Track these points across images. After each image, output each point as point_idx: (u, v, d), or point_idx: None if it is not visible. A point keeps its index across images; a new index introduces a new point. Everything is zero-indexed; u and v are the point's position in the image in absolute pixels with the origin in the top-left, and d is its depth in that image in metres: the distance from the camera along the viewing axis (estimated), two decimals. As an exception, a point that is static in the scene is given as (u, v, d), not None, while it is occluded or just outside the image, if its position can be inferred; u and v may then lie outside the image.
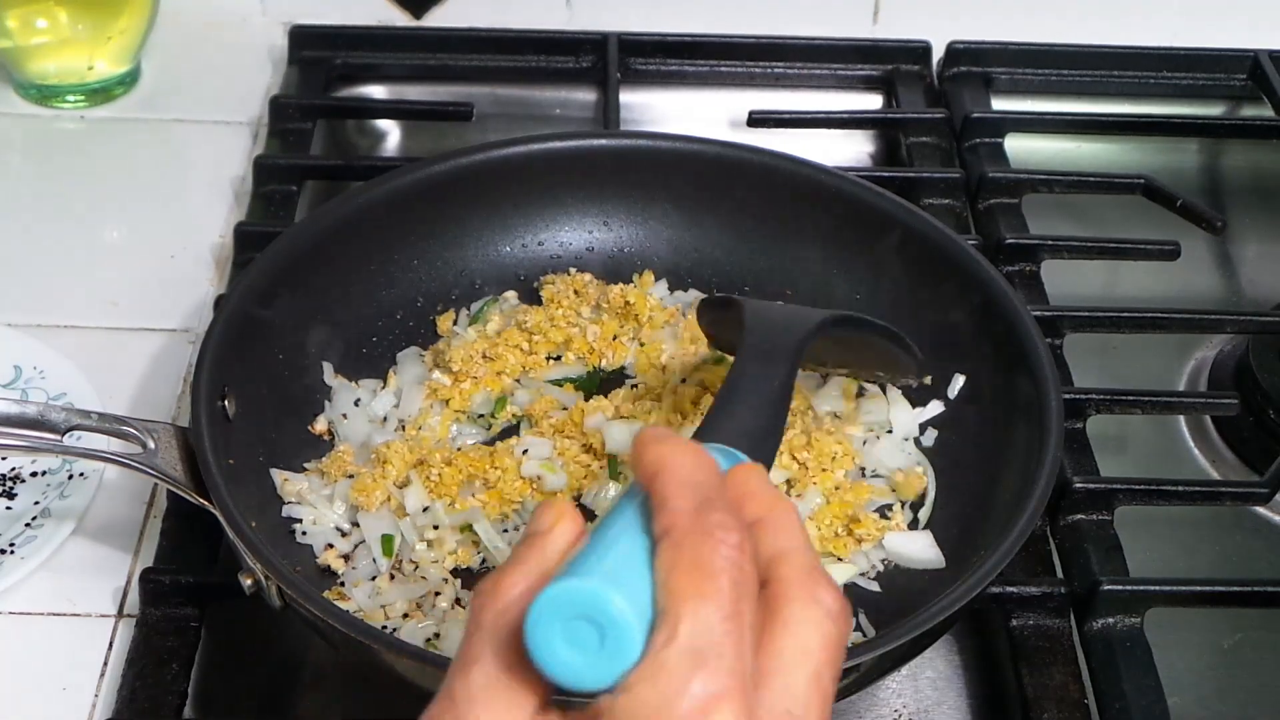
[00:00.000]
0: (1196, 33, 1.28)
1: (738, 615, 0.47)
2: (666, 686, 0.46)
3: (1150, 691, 0.81)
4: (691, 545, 0.48)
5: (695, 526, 0.49)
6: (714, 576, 0.47)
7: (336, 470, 0.88)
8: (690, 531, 0.48)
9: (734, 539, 0.48)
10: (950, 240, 0.94)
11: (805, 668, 0.48)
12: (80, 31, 1.19)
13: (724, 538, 0.48)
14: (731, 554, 0.48)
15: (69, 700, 0.82)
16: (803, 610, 0.49)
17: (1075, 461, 0.93)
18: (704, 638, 0.46)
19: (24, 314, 1.03)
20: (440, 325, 0.98)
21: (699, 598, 0.47)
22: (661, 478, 0.51)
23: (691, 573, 0.47)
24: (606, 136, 1.07)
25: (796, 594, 0.50)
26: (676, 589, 0.47)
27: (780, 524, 0.52)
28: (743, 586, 0.48)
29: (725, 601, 0.47)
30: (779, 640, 0.49)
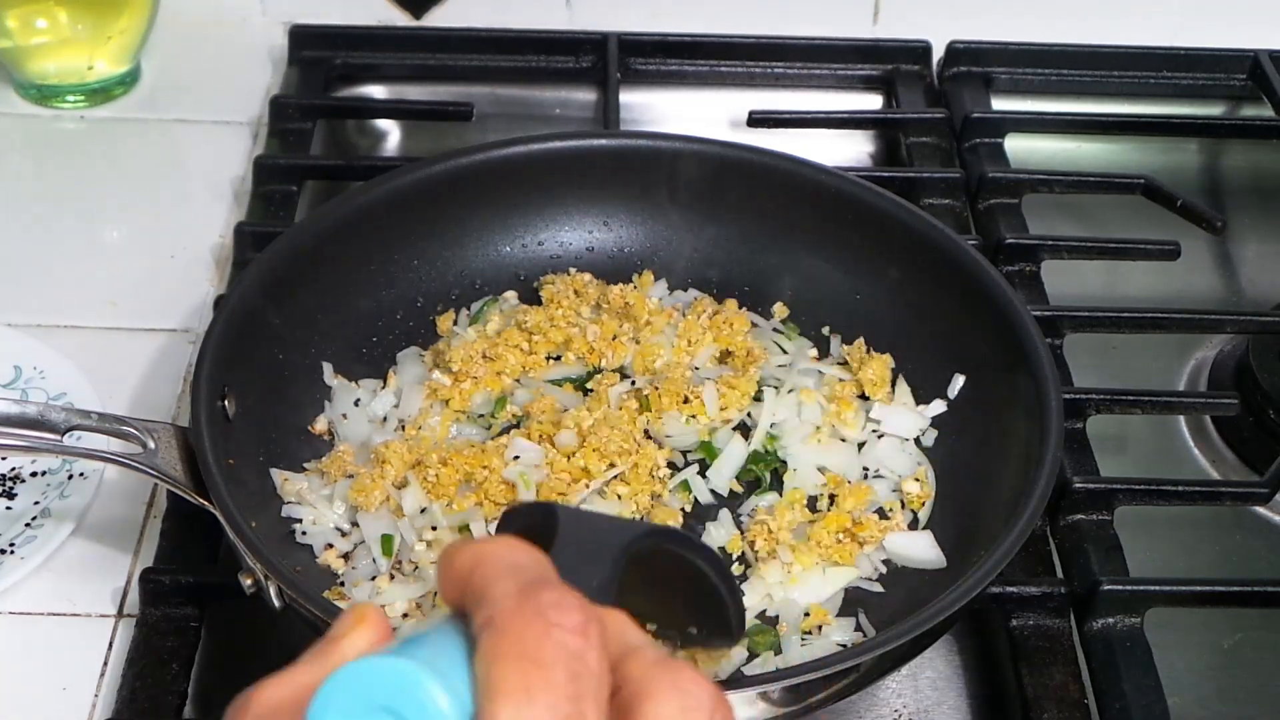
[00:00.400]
0: (1196, 33, 1.28)
1: (577, 713, 0.38)
2: None
3: (1150, 691, 0.81)
4: (517, 630, 0.38)
5: (523, 608, 0.39)
6: (544, 666, 0.38)
7: (336, 470, 0.88)
8: (516, 614, 0.39)
9: (573, 620, 0.39)
10: (950, 240, 0.94)
11: None
12: (80, 31, 1.19)
13: (559, 619, 0.39)
14: (569, 639, 0.39)
15: (69, 700, 0.82)
16: (666, 702, 0.40)
17: (1075, 461, 0.93)
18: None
19: (24, 314, 1.03)
20: (440, 325, 0.98)
21: (523, 692, 0.37)
22: (478, 573, 0.41)
23: (517, 662, 0.38)
24: (606, 136, 1.07)
25: (655, 689, 0.40)
26: (498, 683, 0.38)
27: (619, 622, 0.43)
28: (583, 680, 0.38)
29: (557, 698, 0.37)
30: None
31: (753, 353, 0.95)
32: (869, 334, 0.97)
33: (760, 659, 0.81)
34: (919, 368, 0.94)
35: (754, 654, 0.81)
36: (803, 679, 0.71)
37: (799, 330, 0.99)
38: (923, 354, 0.95)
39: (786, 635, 0.81)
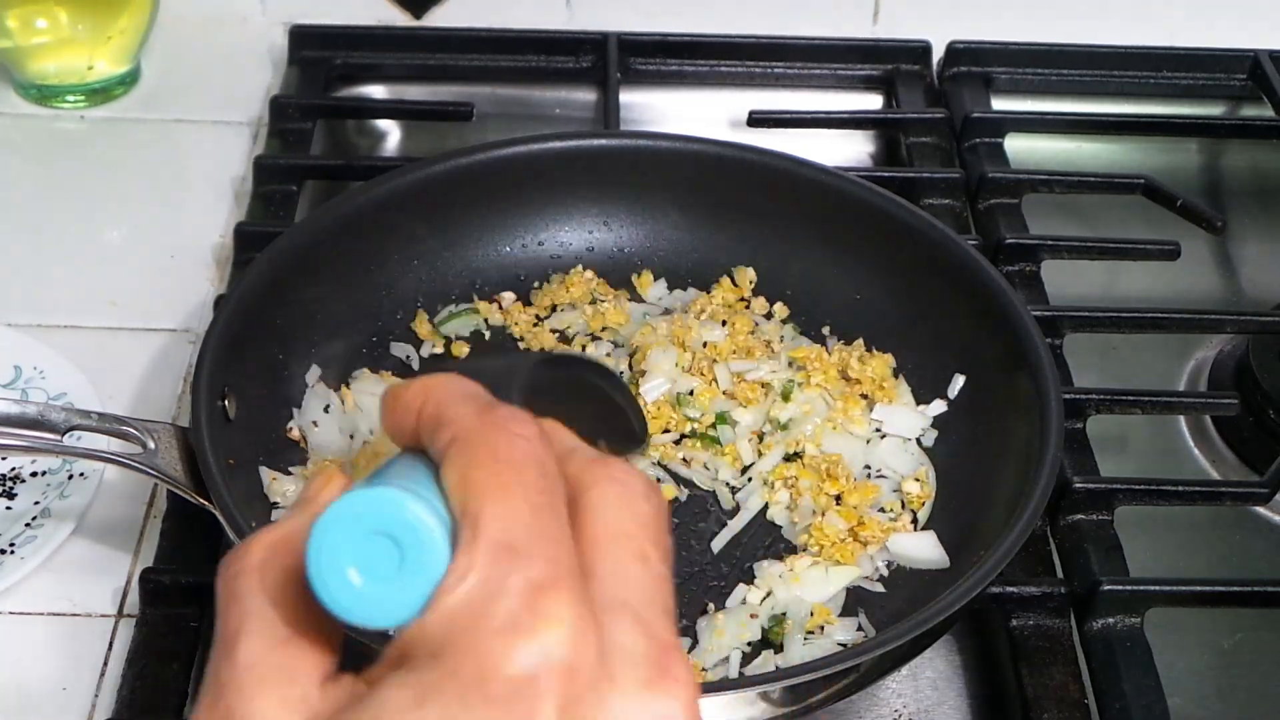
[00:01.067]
0: (1196, 33, 1.28)
1: (550, 504, 0.41)
2: (479, 590, 0.39)
3: (1150, 691, 0.81)
4: (484, 439, 0.42)
5: (486, 424, 0.42)
6: (517, 466, 0.41)
7: (320, 477, 0.87)
8: (481, 429, 0.42)
9: (529, 428, 0.43)
10: (950, 240, 0.94)
11: (627, 551, 0.42)
12: (80, 31, 1.19)
13: (520, 430, 0.42)
14: (532, 445, 0.42)
15: (69, 700, 0.82)
16: (606, 491, 0.43)
17: (1075, 461, 0.93)
18: (515, 531, 0.40)
19: (24, 314, 1.03)
20: (419, 329, 0.97)
21: (500, 487, 0.40)
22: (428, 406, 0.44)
23: (488, 463, 0.41)
24: (606, 136, 1.07)
25: (593, 479, 0.44)
26: (475, 486, 0.41)
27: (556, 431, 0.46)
28: (549, 475, 0.42)
29: (531, 487, 0.41)
30: (588, 528, 0.42)
31: (753, 352, 0.95)
32: (869, 334, 0.97)
33: (760, 659, 0.81)
34: (919, 368, 0.95)
35: (770, 644, 0.81)
36: (803, 679, 0.71)
37: (799, 330, 0.99)
38: (923, 354, 0.95)
39: (790, 634, 0.81)
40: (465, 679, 0.38)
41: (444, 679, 0.38)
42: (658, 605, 0.42)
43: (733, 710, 0.72)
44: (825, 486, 0.88)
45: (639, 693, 0.40)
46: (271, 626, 0.41)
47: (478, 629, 0.38)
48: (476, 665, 0.38)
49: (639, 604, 0.41)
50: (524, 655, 0.38)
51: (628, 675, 0.40)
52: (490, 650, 0.38)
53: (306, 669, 0.41)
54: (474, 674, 0.38)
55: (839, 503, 0.88)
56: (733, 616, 0.82)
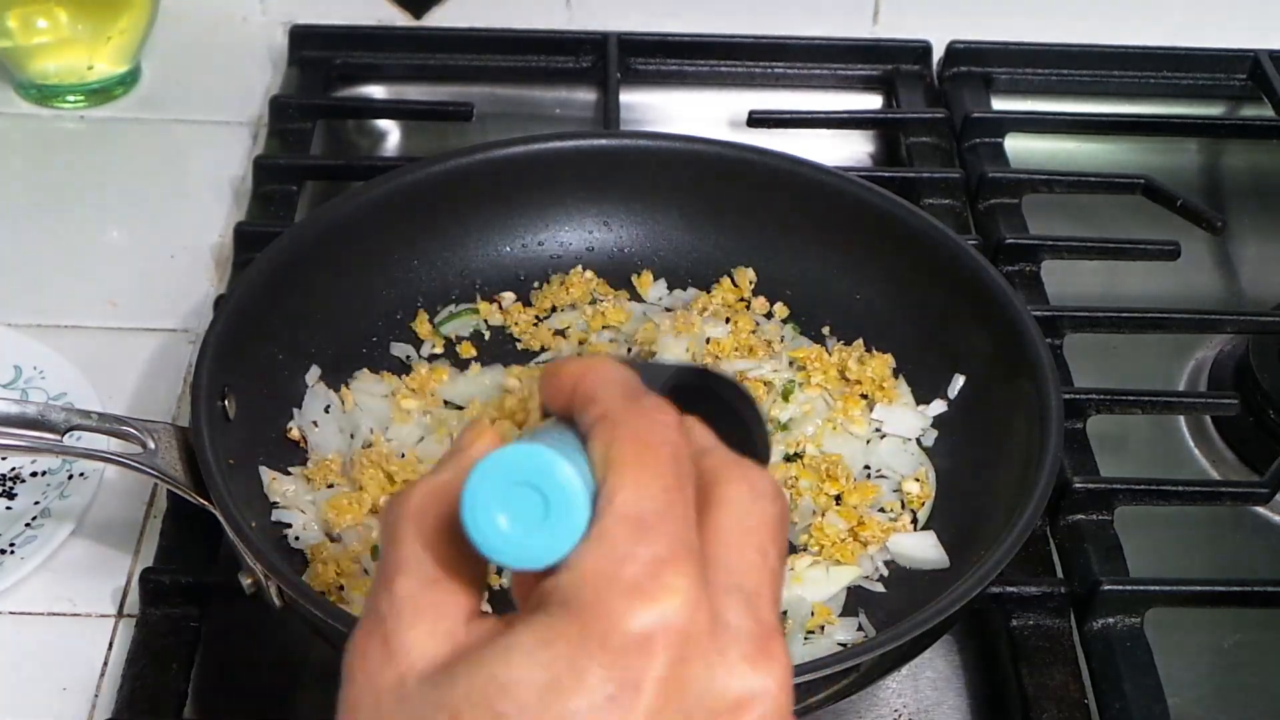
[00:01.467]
0: (1196, 33, 1.28)
1: (680, 487, 0.45)
2: (610, 554, 0.43)
3: (1150, 691, 0.81)
4: (629, 421, 0.46)
5: (630, 407, 0.47)
6: (654, 448, 0.45)
7: (320, 478, 0.88)
8: (626, 411, 0.47)
9: (670, 418, 0.47)
10: (950, 240, 0.94)
11: (749, 544, 0.46)
12: (80, 31, 1.19)
13: (660, 417, 0.47)
14: (671, 433, 0.46)
15: (69, 700, 0.82)
16: (737, 490, 0.47)
17: (1075, 461, 0.93)
18: (647, 504, 0.44)
19: (24, 314, 1.03)
20: (419, 329, 0.98)
21: (639, 466, 0.45)
22: (584, 383, 0.49)
23: (630, 443, 0.45)
24: (606, 136, 1.07)
25: (728, 477, 0.48)
26: (615, 459, 0.45)
27: (697, 428, 0.51)
28: (682, 462, 0.46)
29: (665, 471, 0.45)
30: (717, 519, 0.46)
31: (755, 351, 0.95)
32: (869, 334, 0.97)
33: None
34: (919, 368, 0.95)
35: None
36: (803, 679, 0.71)
37: (799, 330, 0.99)
38: (923, 354, 0.95)
39: (791, 633, 0.81)
40: (590, 630, 0.42)
41: (571, 627, 0.42)
42: (767, 595, 0.46)
43: (733, 710, 0.72)
44: (825, 487, 0.88)
45: (740, 666, 0.44)
46: (425, 567, 0.45)
47: (607, 588, 0.42)
48: (602, 619, 0.42)
49: (752, 591, 0.45)
50: (644, 616, 0.42)
51: (733, 649, 0.44)
52: (615, 608, 0.42)
53: (454, 606, 0.45)
54: (598, 626, 0.42)
55: (839, 503, 0.88)
56: None
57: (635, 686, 0.42)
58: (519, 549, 0.44)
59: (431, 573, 0.45)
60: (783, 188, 0.99)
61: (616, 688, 0.42)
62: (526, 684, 0.42)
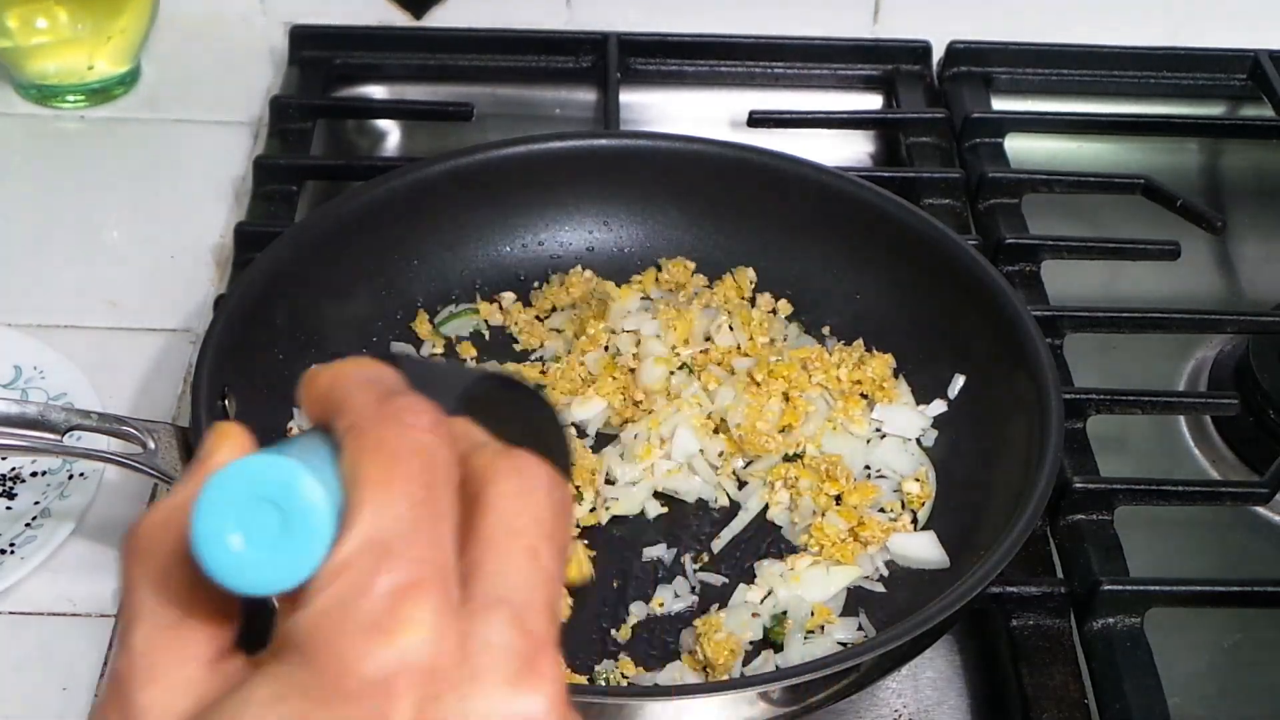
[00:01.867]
0: (1196, 33, 1.28)
1: (431, 501, 0.41)
2: (348, 587, 0.39)
3: (1150, 691, 0.81)
4: (376, 432, 0.42)
5: (380, 414, 0.43)
6: (401, 459, 0.41)
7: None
8: (375, 419, 0.43)
9: (425, 421, 0.43)
10: (950, 240, 0.94)
11: (515, 547, 0.42)
12: (80, 31, 1.19)
13: (413, 421, 0.43)
14: (422, 437, 0.42)
15: (69, 700, 0.82)
16: (503, 486, 0.44)
17: (1075, 461, 0.93)
18: (390, 528, 0.40)
19: (24, 314, 1.03)
20: (419, 329, 0.98)
21: (383, 484, 0.41)
22: (337, 386, 0.45)
23: (376, 456, 0.41)
24: (606, 136, 1.07)
25: (493, 474, 0.44)
26: (361, 476, 0.41)
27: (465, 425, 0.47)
28: (436, 471, 0.42)
29: (414, 487, 0.41)
30: (483, 524, 0.43)
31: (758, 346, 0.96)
32: (869, 334, 0.97)
33: (760, 658, 0.81)
34: (919, 368, 0.95)
35: (771, 643, 0.81)
36: (803, 679, 0.71)
37: (802, 329, 0.99)
38: (923, 354, 0.95)
39: (790, 633, 0.81)
40: (325, 677, 0.39)
41: (305, 675, 0.39)
42: (538, 602, 0.42)
43: (733, 710, 0.72)
44: (825, 487, 0.88)
45: (502, 689, 0.40)
46: (161, 610, 0.42)
47: (342, 628, 0.39)
48: (336, 664, 0.39)
49: (519, 601, 0.42)
50: (381, 657, 0.39)
51: (493, 673, 0.40)
52: (350, 650, 0.39)
53: (195, 650, 0.42)
54: (333, 672, 0.39)
55: (839, 503, 0.88)
56: (734, 615, 0.82)
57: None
58: (254, 573, 0.40)
59: (167, 616, 0.41)
60: (783, 188, 0.99)
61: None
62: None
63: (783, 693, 0.71)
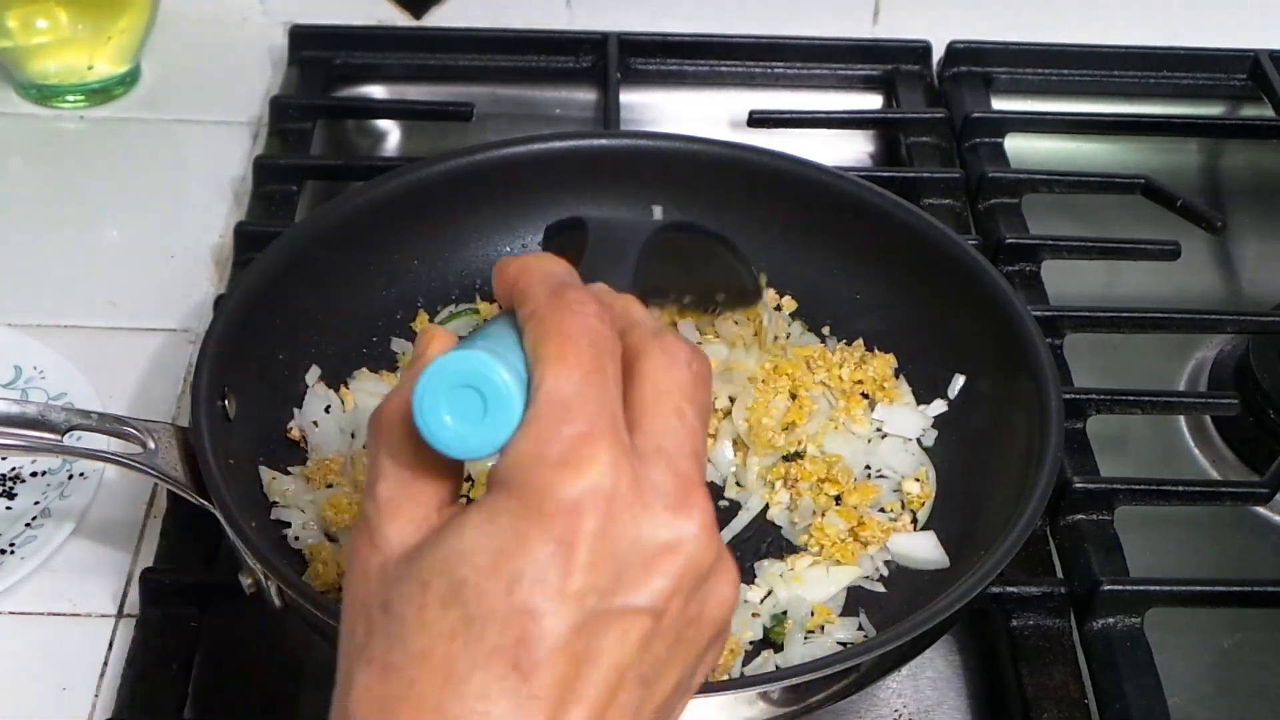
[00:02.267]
0: (1196, 33, 1.28)
1: (599, 370, 0.51)
2: (538, 437, 0.50)
3: (1150, 691, 0.81)
4: (552, 318, 0.52)
5: (554, 303, 0.53)
6: (573, 339, 0.52)
7: (320, 478, 0.88)
8: (550, 307, 0.53)
9: (591, 308, 0.53)
10: (950, 240, 0.94)
11: (665, 406, 0.53)
12: (80, 31, 1.19)
13: (581, 309, 0.53)
14: (589, 321, 0.52)
15: (69, 700, 0.82)
16: (655, 359, 0.54)
17: (1075, 461, 0.93)
18: (568, 390, 0.50)
19: (24, 314, 1.03)
20: (419, 329, 0.97)
21: (560, 359, 0.51)
22: (521, 280, 0.55)
23: (553, 338, 0.52)
24: (606, 136, 1.07)
25: (647, 349, 0.54)
26: (541, 355, 0.51)
27: (627, 305, 0.57)
28: (602, 345, 0.52)
29: (585, 359, 0.51)
30: (637, 390, 0.53)
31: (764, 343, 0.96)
32: (869, 334, 0.97)
33: (760, 658, 0.81)
34: (919, 368, 0.94)
35: (771, 643, 0.81)
36: (803, 679, 0.71)
37: (806, 327, 0.99)
38: (923, 354, 0.95)
39: (790, 633, 0.81)
40: (527, 502, 0.49)
41: (510, 502, 0.49)
42: (687, 451, 0.52)
43: (733, 710, 0.72)
44: (825, 487, 0.88)
45: (663, 515, 0.50)
46: (397, 470, 0.53)
47: (538, 467, 0.49)
48: (535, 493, 0.49)
49: (673, 450, 0.52)
50: (571, 485, 0.49)
51: (657, 502, 0.50)
52: (546, 482, 0.49)
53: (426, 498, 0.53)
54: (534, 499, 0.49)
55: (839, 503, 0.88)
56: (734, 615, 0.82)
57: (570, 544, 0.48)
58: (464, 442, 0.51)
59: (403, 474, 0.53)
60: (783, 188, 0.99)
61: (555, 546, 0.48)
62: (479, 551, 0.49)
63: (783, 693, 0.71)
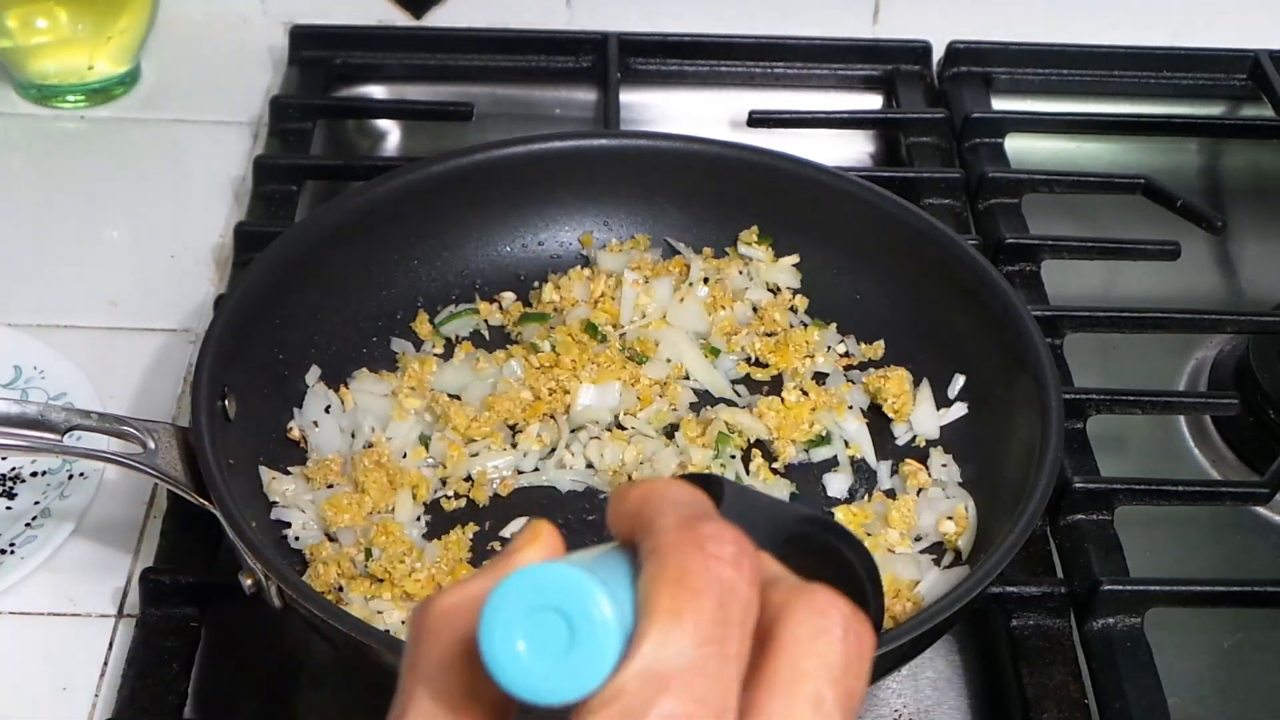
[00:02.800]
0: (1196, 33, 1.28)
1: (721, 640, 0.40)
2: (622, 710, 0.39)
3: (1150, 691, 0.81)
4: (677, 558, 0.41)
5: (683, 539, 0.42)
6: (696, 592, 0.40)
7: (320, 478, 0.88)
8: (677, 544, 0.42)
9: (728, 552, 0.42)
10: (951, 240, 0.94)
11: (800, 692, 0.41)
12: (80, 31, 1.19)
13: (716, 551, 0.41)
14: (722, 569, 0.41)
15: (69, 700, 0.82)
16: (798, 628, 0.42)
17: (1075, 461, 0.93)
18: (673, 660, 0.39)
19: (24, 314, 1.03)
20: (419, 329, 0.97)
21: (673, 614, 0.40)
22: (647, 506, 0.44)
23: (671, 586, 0.41)
24: (606, 136, 1.07)
25: (792, 611, 0.42)
26: (652, 604, 0.40)
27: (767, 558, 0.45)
28: (731, 608, 0.41)
29: (705, 621, 0.40)
30: (770, 663, 0.41)
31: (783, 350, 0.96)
32: (868, 334, 0.97)
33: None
34: (919, 368, 0.94)
35: None
36: (803, 679, 0.71)
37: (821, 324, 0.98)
38: (923, 354, 0.95)
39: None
40: None
41: None
42: None
43: (733, 710, 0.72)
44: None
45: None
46: (440, 698, 0.42)
47: None
48: None
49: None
50: None
51: None
52: None
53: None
54: None
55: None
56: None
57: None
58: (534, 681, 0.40)
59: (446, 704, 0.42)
60: (783, 188, 0.99)
61: None
62: None
63: (783, 693, 0.71)
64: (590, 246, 1.01)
